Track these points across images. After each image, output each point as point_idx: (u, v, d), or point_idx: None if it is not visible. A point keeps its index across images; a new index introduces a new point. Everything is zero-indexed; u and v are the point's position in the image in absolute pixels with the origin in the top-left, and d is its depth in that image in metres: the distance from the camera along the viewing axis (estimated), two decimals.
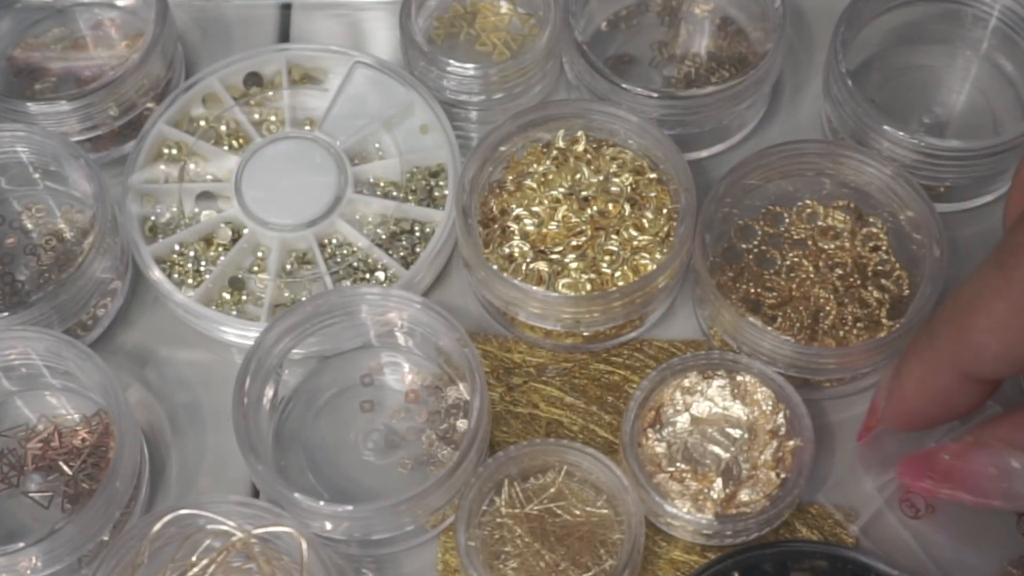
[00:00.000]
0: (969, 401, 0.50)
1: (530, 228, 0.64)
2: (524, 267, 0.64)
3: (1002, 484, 0.51)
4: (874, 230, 0.66)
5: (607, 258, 0.63)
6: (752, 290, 0.65)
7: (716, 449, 0.60)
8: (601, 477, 0.59)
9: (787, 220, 0.67)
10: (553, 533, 0.59)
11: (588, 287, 0.63)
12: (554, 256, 0.64)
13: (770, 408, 0.60)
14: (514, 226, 0.65)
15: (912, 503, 0.61)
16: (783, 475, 0.59)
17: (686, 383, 0.61)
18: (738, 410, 0.60)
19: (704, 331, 0.66)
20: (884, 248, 0.65)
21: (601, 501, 0.60)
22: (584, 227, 0.64)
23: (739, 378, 0.61)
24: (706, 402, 0.61)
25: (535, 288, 0.62)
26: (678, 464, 0.59)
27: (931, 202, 0.64)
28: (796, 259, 0.65)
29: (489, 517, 0.59)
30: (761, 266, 0.66)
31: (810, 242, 0.66)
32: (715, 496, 0.58)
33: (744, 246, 0.66)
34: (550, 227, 0.64)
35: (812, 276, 0.65)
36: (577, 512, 0.59)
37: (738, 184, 0.65)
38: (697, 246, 0.63)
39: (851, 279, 0.64)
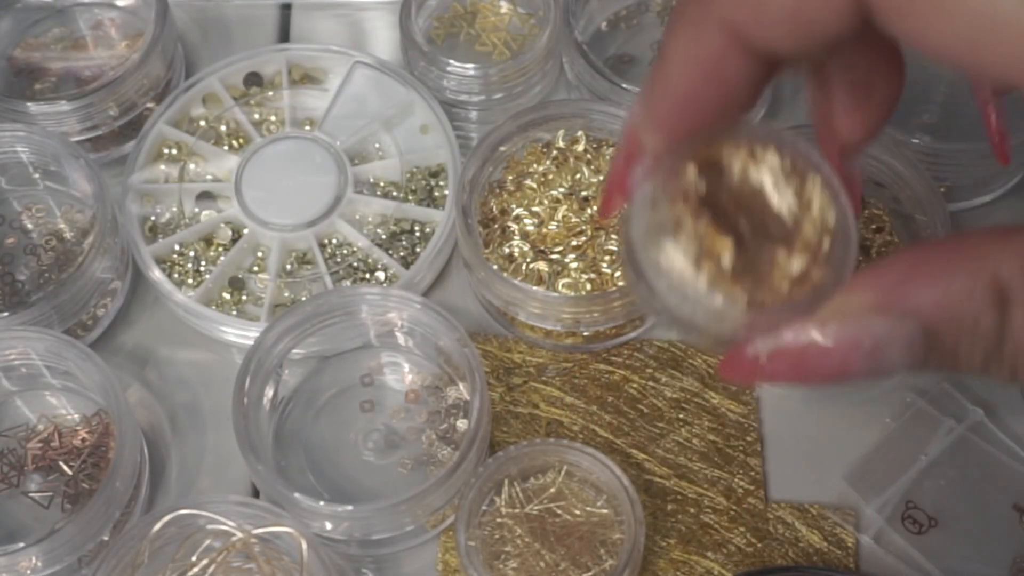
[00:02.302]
0: (740, 78, 0.40)
1: (530, 228, 0.64)
2: (524, 267, 0.64)
3: (874, 359, 0.42)
4: (876, 211, 0.66)
5: (607, 258, 0.64)
6: None
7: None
8: (601, 477, 0.59)
9: None
10: (553, 533, 0.59)
11: (588, 287, 0.63)
12: (554, 256, 0.64)
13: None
14: (514, 226, 0.65)
15: (914, 519, 0.61)
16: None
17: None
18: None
19: None
20: (887, 229, 0.65)
21: (601, 501, 0.60)
22: (584, 227, 0.64)
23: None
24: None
25: (535, 288, 0.62)
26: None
27: (932, 180, 0.64)
28: None
29: (489, 517, 0.59)
30: None
31: None
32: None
33: None
34: (550, 227, 0.64)
35: None
36: (577, 512, 0.59)
37: None
38: None
39: (856, 260, 0.64)
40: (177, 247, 0.68)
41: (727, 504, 0.61)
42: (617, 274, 0.63)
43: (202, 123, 0.71)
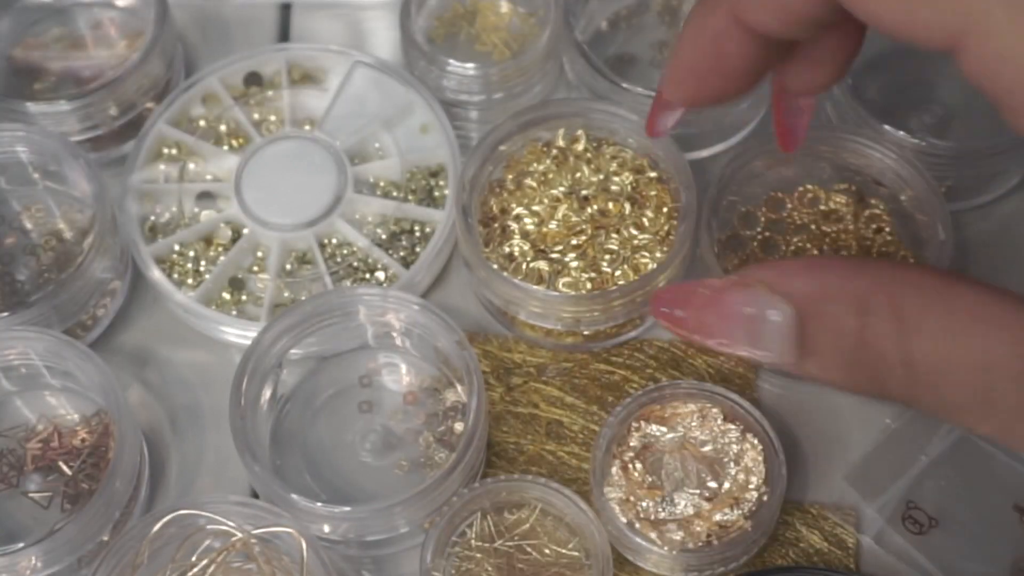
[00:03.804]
0: (741, 53, 0.50)
1: (530, 227, 0.64)
2: (524, 266, 0.64)
3: (753, 329, 0.49)
4: (876, 211, 0.66)
5: (607, 257, 0.63)
6: None
7: (683, 474, 0.59)
8: (576, 519, 0.58)
9: (789, 206, 0.67)
10: (521, 572, 0.58)
11: (588, 286, 0.63)
12: (554, 255, 0.64)
13: (737, 436, 0.60)
14: (514, 225, 0.65)
15: (915, 519, 0.61)
16: (758, 494, 0.58)
17: (655, 412, 0.60)
18: (705, 436, 0.60)
19: None
20: (888, 230, 0.65)
21: (573, 543, 0.59)
22: (584, 226, 0.64)
23: (708, 407, 0.60)
24: (671, 433, 0.60)
25: (535, 287, 0.62)
26: (646, 498, 0.58)
27: (932, 180, 0.64)
28: (800, 244, 0.66)
29: (459, 548, 0.59)
30: (766, 252, 0.66)
31: (813, 226, 0.66)
32: (689, 520, 0.57)
33: (748, 233, 0.67)
34: (550, 226, 0.64)
35: None
36: (548, 552, 0.59)
37: (740, 171, 0.66)
38: (703, 234, 0.63)
39: None
40: (177, 247, 0.68)
41: None
42: (617, 273, 0.63)
43: (202, 123, 0.71)
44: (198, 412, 0.66)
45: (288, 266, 0.67)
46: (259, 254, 0.68)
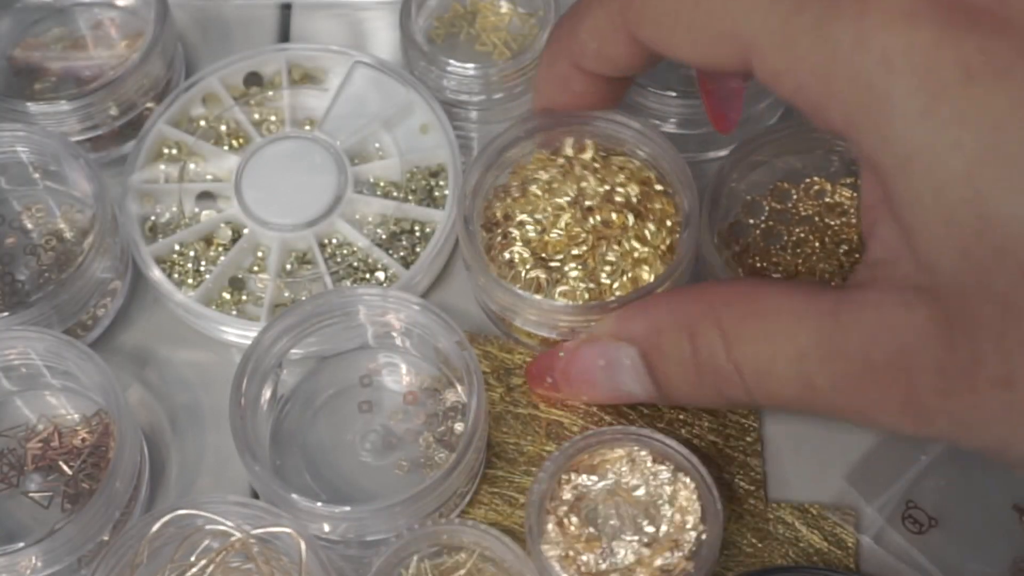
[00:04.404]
0: (590, 90, 0.61)
1: (532, 235, 0.64)
2: (524, 274, 0.63)
3: (610, 377, 0.57)
4: None
5: (607, 268, 0.63)
6: (758, 264, 0.65)
7: (619, 522, 0.58)
8: (513, 566, 0.57)
9: (795, 196, 0.67)
10: None
11: (586, 296, 0.63)
12: (554, 264, 0.63)
13: (668, 476, 0.59)
14: (516, 232, 0.64)
15: (915, 519, 0.61)
16: (696, 533, 0.58)
17: (584, 461, 0.60)
18: (637, 481, 0.59)
19: None
20: None
21: None
22: (586, 236, 0.63)
23: (636, 451, 0.59)
24: (602, 482, 0.59)
25: (533, 296, 0.62)
26: (585, 552, 0.57)
27: None
28: (802, 235, 0.66)
29: None
30: (768, 241, 0.66)
31: (817, 218, 0.66)
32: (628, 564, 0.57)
33: (751, 221, 0.67)
34: (552, 235, 0.64)
35: (818, 252, 0.65)
36: None
37: (745, 160, 0.66)
38: (704, 222, 0.63)
39: (857, 255, 0.64)
40: (177, 247, 0.68)
41: (728, 505, 0.61)
42: (616, 285, 0.63)
43: (202, 123, 0.71)
44: (198, 412, 0.66)
45: (288, 266, 0.67)
46: (259, 254, 0.68)
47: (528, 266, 0.63)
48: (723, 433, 0.63)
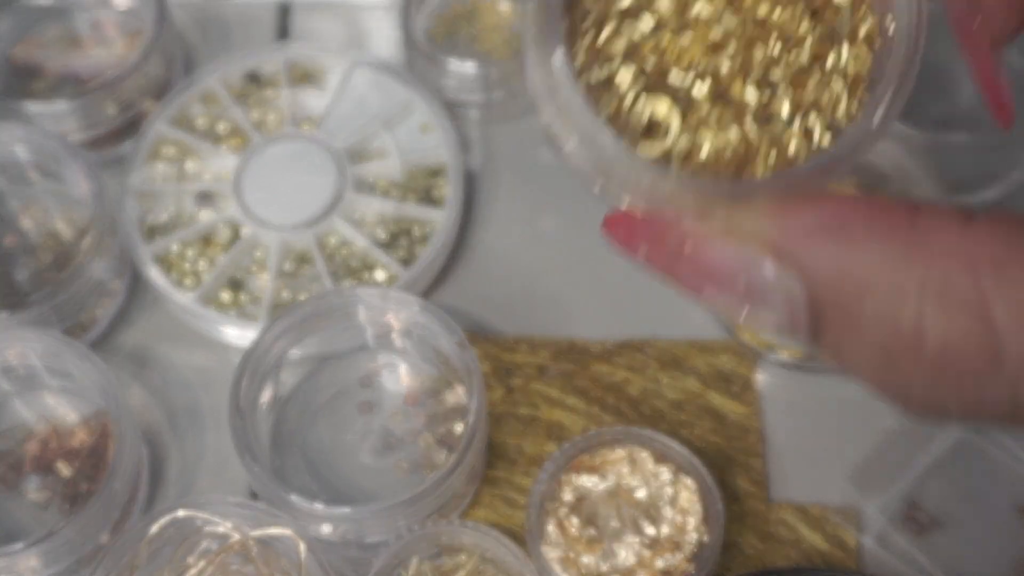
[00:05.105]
0: None
1: (646, 33, 0.38)
2: (628, 104, 0.38)
3: (749, 288, 0.37)
4: None
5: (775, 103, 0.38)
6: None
7: (620, 523, 0.58)
8: (514, 567, 0.57)
9: None
10: None
11: (727, 156, 0.37)
12: (680, 87, 0.38)
13: (670, 477, 0.59)
14: (622, 28, 0.38)
15: (917, 520, 0.61)
16: (697, 534, 0.58)
17: (585, 461, 0.59)
18: (638, 482, 0.59)
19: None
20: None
21: None
22: (734, 40, 0.38)
23: (637, 451, 0.59)
24: (603, 483, 0.59)
25: (642, 158, 0.37)
26: (586, 553, 0.57)
27: (938, 173, 0.63)
28: None
29: None
30: None
31: None
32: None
33: None
34: (682, 35, 0.38)
35: None
36: None
37: None
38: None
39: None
40: (176, 247, 0.68)
41: (729, 505, 0.61)
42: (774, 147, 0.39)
43: (201, 123, 0.71)
44: (198, 412, 0.66)
45: (288, 266, 0.67)
46: (258, 254, 0.68)
47: (637, 90, 0.38)
48: (724, 434, 0.63)
